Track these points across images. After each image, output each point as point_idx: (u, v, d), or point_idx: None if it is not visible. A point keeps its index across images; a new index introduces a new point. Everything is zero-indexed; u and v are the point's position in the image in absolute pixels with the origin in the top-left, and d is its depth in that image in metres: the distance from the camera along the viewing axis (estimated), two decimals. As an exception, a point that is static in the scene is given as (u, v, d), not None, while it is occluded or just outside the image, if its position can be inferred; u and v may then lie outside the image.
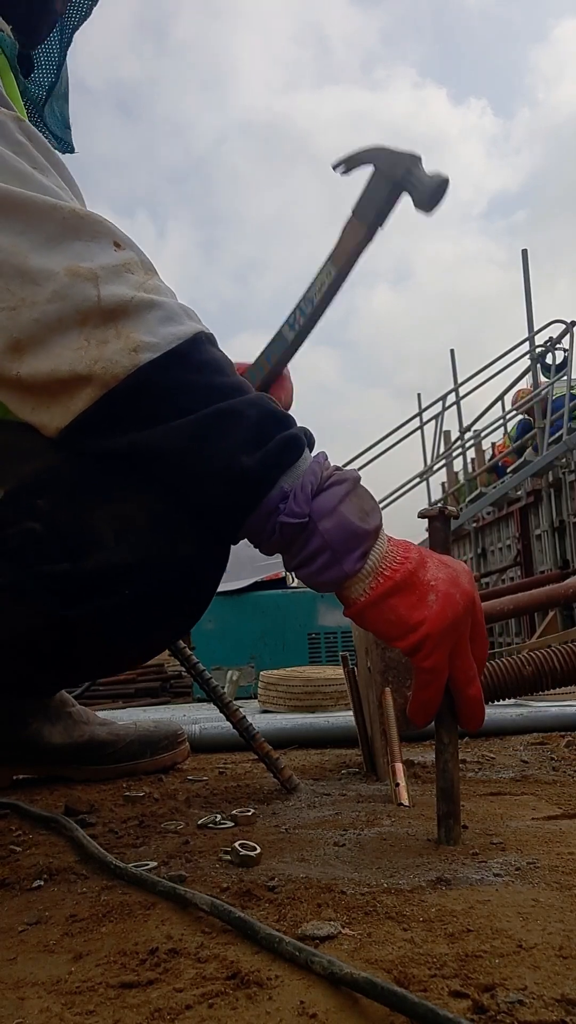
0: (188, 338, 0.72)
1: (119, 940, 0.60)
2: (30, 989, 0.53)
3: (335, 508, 0.73)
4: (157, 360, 0.70)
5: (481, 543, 8.27)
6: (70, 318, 0.69)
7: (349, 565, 0.74)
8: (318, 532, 0.73)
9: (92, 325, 0.70)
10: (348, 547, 0.73)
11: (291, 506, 0.72)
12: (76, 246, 0.71)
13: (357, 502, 0.75)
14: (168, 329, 0.72)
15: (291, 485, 0.73)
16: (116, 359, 0.69)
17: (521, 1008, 0.45)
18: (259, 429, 0.72)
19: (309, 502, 0.73)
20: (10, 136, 0.75)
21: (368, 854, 0.80)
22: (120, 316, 0.70)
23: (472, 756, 1.34)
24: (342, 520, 0.73)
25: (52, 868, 0.81)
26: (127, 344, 0.70)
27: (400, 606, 0.74)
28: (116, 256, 0.73)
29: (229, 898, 0.68)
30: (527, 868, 0.73)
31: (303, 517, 0.72)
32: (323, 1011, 0.47)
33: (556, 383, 7.37)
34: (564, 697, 1.84)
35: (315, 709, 1.81)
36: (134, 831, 0.95)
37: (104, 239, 0.73)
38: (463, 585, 0.76)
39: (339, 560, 0.73)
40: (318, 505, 0.73)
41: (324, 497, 0.73)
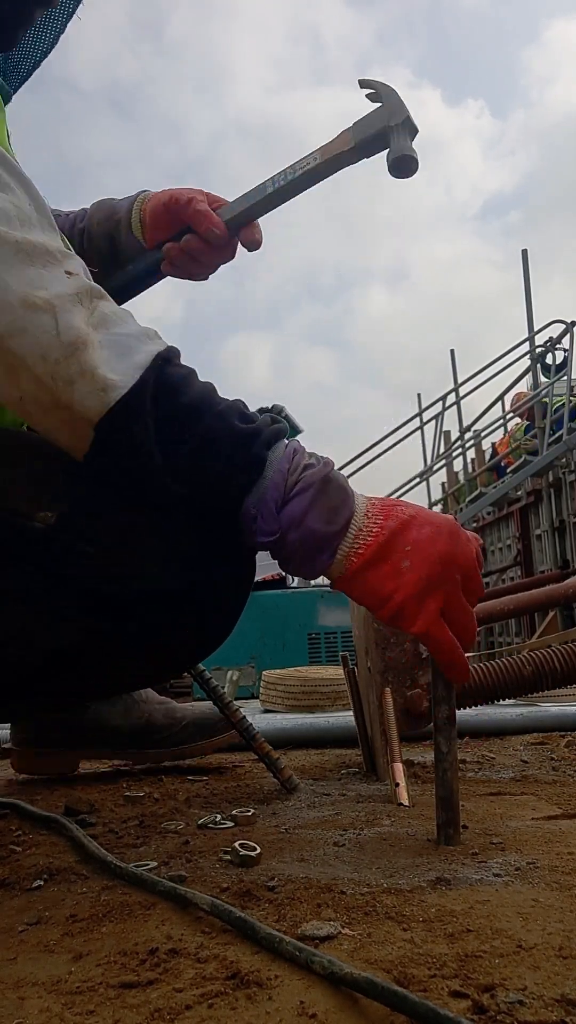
0: (149, 365, 0.73)
1: (119, 940, 0.60)
2: (30, 989, 0.53)
3: (302, 520, 0.75)
4: (124, 399, 0.71)
5: (481, 543, 8.26)
6: (33, 352, 0.69)
7: (318, 565, 0.77)
8: (287, 543, 0.76)
9: (54, 360, 0.69)
10: (316, 551, 0.76)
11: (261, 525, 0.75)
12: (30, 274, 0.70)
13: (324, 504, 0.76)
14: (127, 362, 0.72)
15: (256, 504, 0.75)
16: (88, 404, 0.70)
17: (521, 1008, 0.45)
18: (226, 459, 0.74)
19: (276, 518, 0.75)
20: None
21: (368, 854, 0.80)
22: (80, 348, 0.70)
23: (472, 756, 1.34)
24: (307, 531, 0.75)
25: (52, 868, 0.81)
26: (94, 384, 0.70)
27: (372, 579, 0.76)
28: (68, 284, 0.72)
29: (229, 898, 0.68)
30: (527, 868, 0.73)
31: (274, 534, 0.75)
32: (323, 1011, 0.47)
33: (556, 384, 7.36)
34: (564, 697, 1.84)
35: (313, 709, 1.81)
36: (134, 831, 0.95)
37: (56, 267, 0.72)
38: (440, 544, 0.76)
39: (308, 563, 0.77)
40: (286, 517, 0.75)
41: (290, 508, 0.75)
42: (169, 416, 0.73)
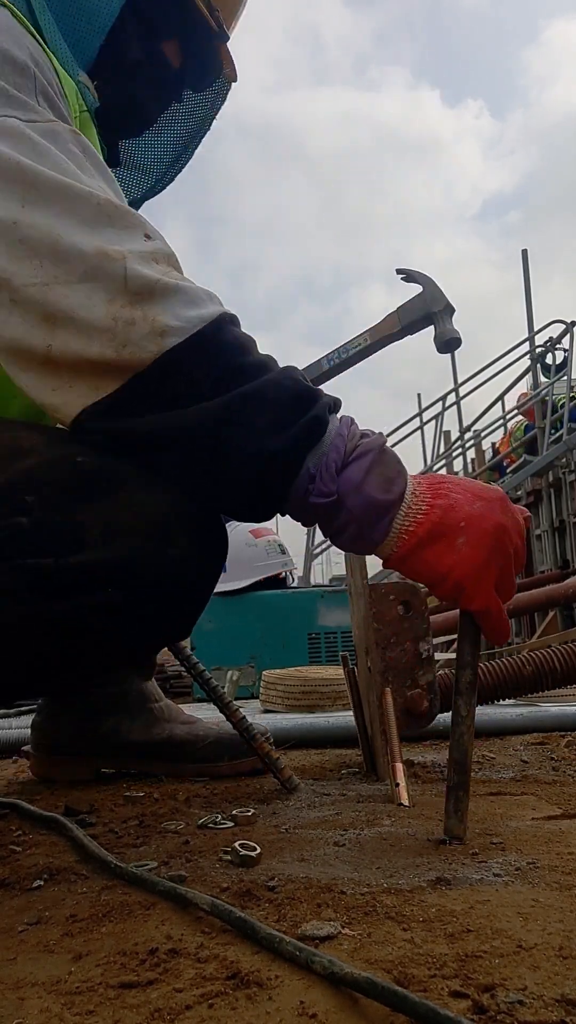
0: (212, 320, 0.74)
1: (119, 940, 0.60)
2: (30, 989, 0.53)
3: (360, 484, 0.76)
4: (182, 344, 0.72)
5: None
6: (100, 295, 0.72)
7: (376, 535, 0.77)
8: (345, 508, 0.76)
9: (119, 305, 0.72)
10: (372, 520, 0.76)
11: (319, 486, 0.75)
12: (108, 232, 0.75)
13: (381, 472, 0.77)
14: (192, 312, 0.74)
15: (316, 465, 0.75)
16: (143, 344, 0.72)
17: (521, 1008, 0.45)
18: (284, 411, 0.74)
19: (335, 480, 0.75)
20: (63, 144, 0.79)
21: (368, 854, 0.80)
22: (146, 298, 0.73)
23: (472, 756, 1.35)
24: (366, 496, 0.76)
25: (52, 868, 0.81)
26: (153, 328, 0.72)
27: (428, 557, 0.77)
28: (145, 245, 0.76)
29: (229, 898, 0.68)
30: (527, 868, 0.73)
31: (331, 496, 0.75)
32: (323, 1011, 0.47)
33: (556, 384, 7.36)
34: (564, 697, 1.84)
35: (313, 709, 1.81)
36: (134, 831, 0.95)
37: (136, 230, 0.77)
38: (494, 517, 0.77)
39: (365, 532, 0.77)
40: (344, 481, 0.76)
41: (349, 472, 0.76)
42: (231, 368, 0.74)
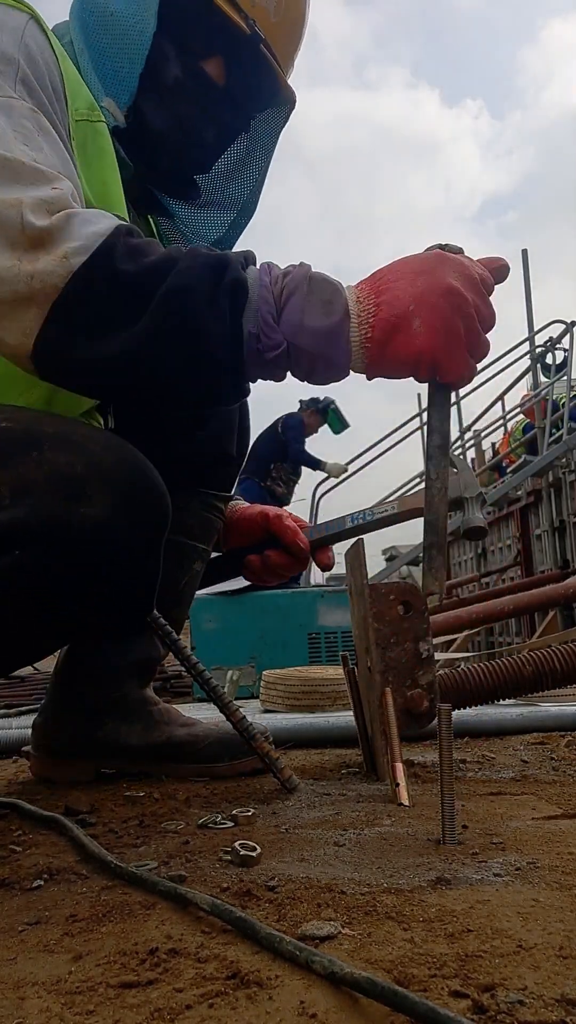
0: (110, 232, 0.78)
1: (119, 940, 0.60)
2: (30, 989, 0.53)
3: (301, 321, 0.78)
4: (88, 261, 0.75)
5: (481, 543, 8.26)
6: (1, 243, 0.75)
7: (340, 358, 0.79)
8: (299, 349, 0.78)
9: (22, 248, 0.76)
10: (330, 346, 0.79)
11: (265, 341, 0.78)
12: (14, 187, 0.78)
13: (316, 300, 0.79)
14: (90, 229, 0.77)
15: (255, 323, 0.78)
16: (50, 270, 0.75)
17: (521, 1008, 0.45)
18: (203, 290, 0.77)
19: (276, 329, 0.78)
20: (16, 119, 0.83)
21: (368, 854, 0.80)
22: (46, 237, 0.76)
23: (472, 756, 1.34)
24: (312, 329, 0.78)
25: (52, 868, 0.81)
26: (57, 255, 0.75)
27: (395, 352, 0.79)
28: (49, 194, 0.79)
29: (229, 898, 0.68)
30: (527, 868, 0.73)
31: (280, 344, 0.78)
32: (323, 1011, 0.47)
33: (556, 383, 7.36)
34: (564, 697, 1.84)
35: (313, 709, 1.81)
36: (134, 831, 0.95)
37: (42, 182, 0.80)
38: (440, 285, 0.79)
39: (330, 361, 0.79)
40: (285, 324, 0.78)
41: (287, 315, 0.78)
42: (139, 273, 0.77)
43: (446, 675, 1.36)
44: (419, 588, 1.18)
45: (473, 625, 4.26)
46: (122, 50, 1.01)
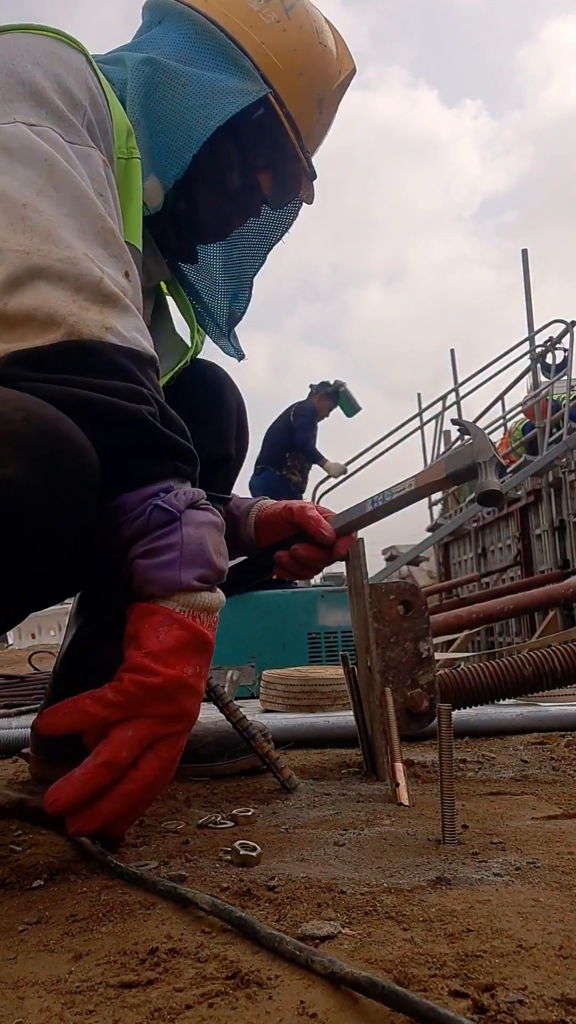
0: (148, 353, 0.85)
1: (119, 940, 0.60)
2: (30, 989, 0.53)
3: (202, 525, 0.81)
4: (119, 346, 0.81)
5: (481, 543, 8.26)
6: (69, 281, 0.81)
7: (186, 577, 0.80)
8: (180, 532, 0.80)
9: (84, 297, 0.81)
10: (194, 562, 0.80)
11: (171, 499, 0.80)
12: (99, 251, 0.85)
13: (218, 538, 0.84)
14: (139, 337, 0.84)
15: (177, 486, 0.82)
16: (89, 323, 0.80)
17: (521, 1008, 0.45)
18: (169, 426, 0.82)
19: (187, 506, 0.81)
20: (94, 168, 0.91)
21: (368, 854, 0.80)
22: (109, 303, 0.82)
23: (472, 756, 1.34)
24: (203, 538, 0.81)
25: (52, 868, 0.81)
26: (103, 321, 0.81)
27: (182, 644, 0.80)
28: (123, 281, 0.86)
29: (229, 898, 0.68)
30: (527, 868, 0.73)
31: (176, 512, 0.80)
32: (323, 1011, 0.47)
33: (556, 384, 7.36)
34: (564, 697, 1.84)
35: (313, 709, 1.81)
36: (134, 830, 0.95)
37: (120, 263, 0.88)
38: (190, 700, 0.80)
39: (181, 567, 0.80)
40: (191, 514, 0.81)
41: (198, 512, 0.82)
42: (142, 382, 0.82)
43: (446, 675, 1.36)
44: (419, 588, 1.18)
45: (473, 625, 4.26)
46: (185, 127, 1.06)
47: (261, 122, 1.12)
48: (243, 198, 1.20)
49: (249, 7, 1.12)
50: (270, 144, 1.16)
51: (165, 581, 0.80)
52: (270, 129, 1.14)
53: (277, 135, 1.15)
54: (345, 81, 1.24)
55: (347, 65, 1.24)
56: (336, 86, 1.23)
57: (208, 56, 1.09)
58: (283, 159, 1.19)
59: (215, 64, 1.09)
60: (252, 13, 1.12)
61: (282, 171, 1.21)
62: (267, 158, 1.18)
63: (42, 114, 0.89)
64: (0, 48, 0.94)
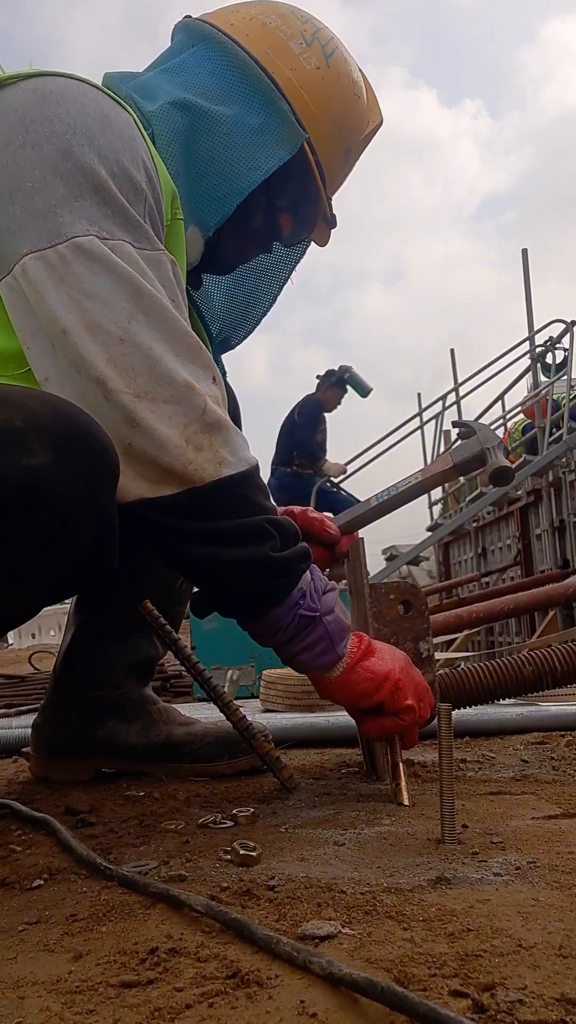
0: (253, 464, 0.96)
1: (119, 939, 0.60)
2: (30, 988, 0.53)
3: (333, 608, 0.99)
4: (234, 476, 0.92)
5: (481, 543, 8.26)
6: (179, 419, 0.90)
7: (340, 649, 0.99)
8: (322, 624, 0.98)
9: (193, 430, 0.90)
10: (340, 637, 0.99)
11: (308, 602, 0.97)
12: (192, 367, 0.92)
13: (341, 604, 1.01)
14: (243, 455, 0.94)
15: (307, 585, 0.97)
16: (205, 467, 0.91)
17: (521, 1007, 0.45)
18: (286, 540, 0.96)
19: (319, 600, 0.98)
20: (164, 273, 0.95)
21: (368, 854, 0.80)
22: (215, 430, 0.92)
23: (472, 756, 1.34)
24: (337, 618, 0.99)
25: (52, 868, 0.81)
26: (215, 457, 0.91)
27: (371, 666, 0.99)
28: (214, 388, 0.95)
29: (229, 897, 0.68)
30: (527, 867, 0.73)
31: (315, 612, 0.97)
32: (323, 1010, 0.47)
33: (556, 384, 7.36)
34: (564, 697, 1.84)
35: (313, 709, 1.81)
36: (134, 830, 0.95)
37: (209, 372, 0.95)
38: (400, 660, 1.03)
39: (333, 647, 0.99)
40: (324, 603, 0.98)
41: (327, 598, 0.99)
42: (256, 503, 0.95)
43: (446, 675, 1.36)
44: (419, 588, 1.18)
45: (473, 625, 4.25)
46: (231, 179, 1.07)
47: (291, 166, 1.11)
48: (263, 237, 1.21)
49: (291, 49, 1.10)
50: (296, 187, 1.16)
51: (329, 663, 0.99)
52: (299, 173, 1.13)
53: (305, 179, 1.14)
54: (371, 133, 1.24)
55: (376, 118, 1.23)
56: (363, 137, 1.22)
57: (245, 94, 1.07)
58: (306, 202, 1.19)
59: (251, 103, 1.07)
60: (294, 56, 1.10)
61: (302, 213, 1.21)
62: (291, 200, 1.18)
63: (109, 214, 0.90)
64: (49, 107, 0.91)
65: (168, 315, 0.90)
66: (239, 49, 1.08)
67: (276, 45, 1.10)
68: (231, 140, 1.06)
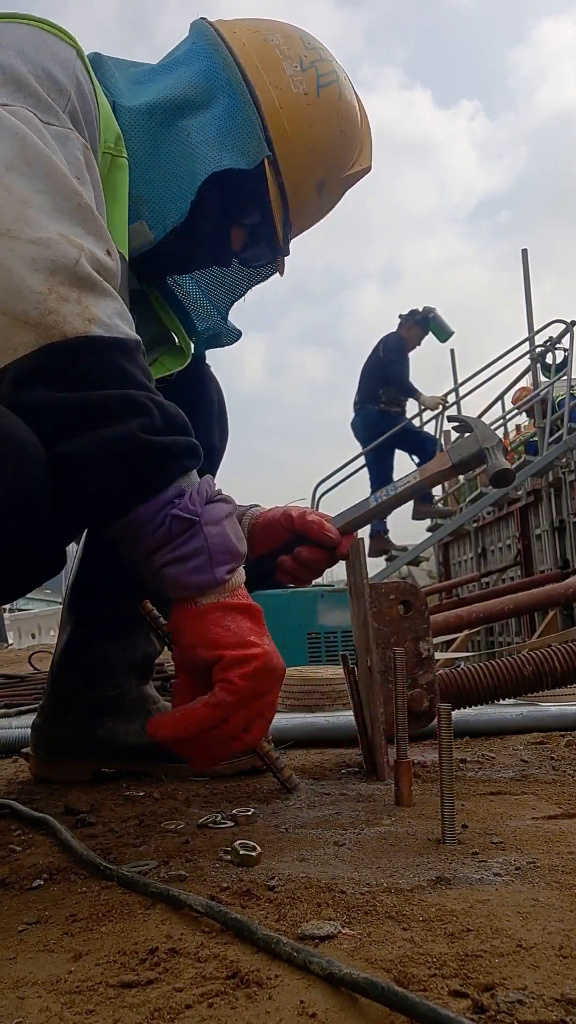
0: (134, 339, 0.82)
1: (119, 940, 0.60)
2: (30, 988, 0.53)
3: (221, 520, 0.82)
4: (104, 338, 0.78)
5: (481, 543, 8.26)
6: (43, 264, 0.76)
7: (220, 574, 0.82)
8: (203, 534, 0.81)
9: (59, 281, 0.77)
10: (223, 558, 0.82)
11: (186, 503, 0.80)
12: (77, 228, 0.80)
13: (235, 525, 0.85)
14: (122, 327, 0.80)
15: (187, 486, 0.82)
16: (69, 319, 0.76)
17: (521, 1008, 0.45)
18: (168, 424, 0.80)
19: (203, 505, 0.81)
20: (71, 150, 0.86)
21: (368, 854, 0.80)
22: (87, 287, 0.78)
23: (472, 756, 1.34)
24: (225, 533, 0.82)
25: (52, 868, 0.81)
26: (84, 313, 0.77)
27: (244, 623, 0.83)
28: (105, 258, 0.82)
29: (229, 897, 0.68)
30: (527, 868, 0.73)
31: (195, 516, 0.80)
32: (323, 1010, 0.47)
33: (556, 384, 7.36)
34: (564, 697, 1.84)
35: (313, 709, 1.81)
36: (134, 830, 0.95)
37: (101, 242, 0.82)
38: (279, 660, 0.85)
39: (212, 566, 0.82)
40: (208, 511, 0.82)
41: (214, 507, 0.83)
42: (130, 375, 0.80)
43: (446, 675, 1.36)
44: (419, 588, 1.18)
45: (473, 625, 4.26)
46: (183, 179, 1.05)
47: (248, 180, 1.09)
48: (210, 244, 1.17)
49: (283, 68, 1.10)
50: (252, 204, 1.14)
51: (201, 584, 0.82)
52: (256, 190, 1.11)
53: (262, 199, 1.12)
54: (356, 175, 1.22)
55: (364, 162, 1.21)
56: (344, 176, 1.20)
57: (220, 100, 1.07)
58: (261, 223, 1.16)
59: (223, 110, 1.07)
60: (284, 76, 1.10)
61: (258, 234, 1.18)
62: (245, 215, 1.16)
63: (19, 97, 0.84)
64: None
65: (55, 172, 0.80)
66: (229, 57, 1.08)
67: (269, 62, 1.10)
68: (191, 140, 1.05)
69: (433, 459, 1.23)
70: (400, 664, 1.04)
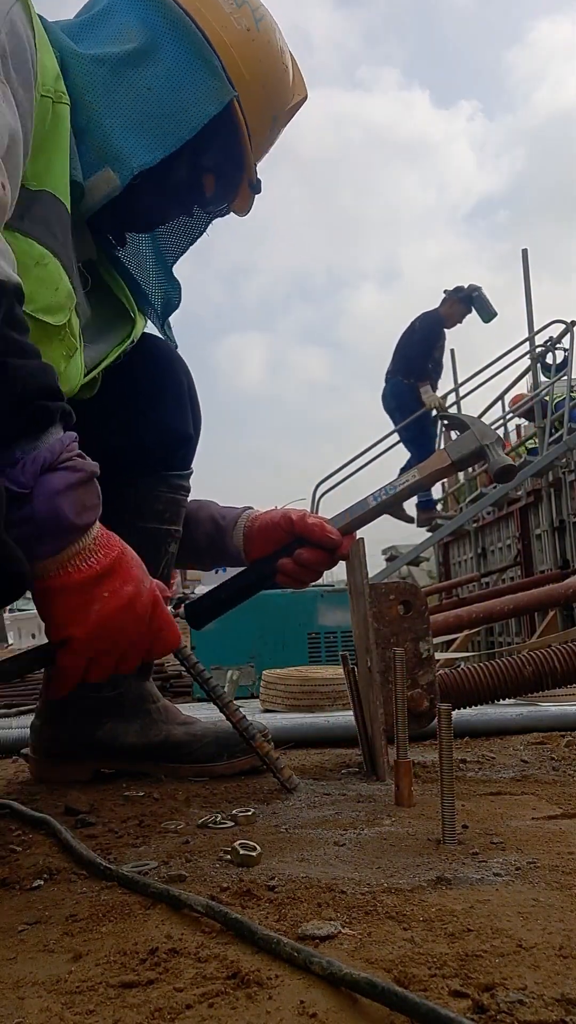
0: (15, 284, 0.76)
1: (119, 940, 0.60)
2: (30, 989, 0.53)
3: (57, 493, 0.76)
4: None
5: (481, 543, 8.25)
6: None
7: (45, 549, 0.77)
8: (31, 506, 0.75)
9: None
10: (51, 533, 0.77)
11: (16, 474, 0.75)
12: None
13: (80, 494, 0.78)
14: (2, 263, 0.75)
15: (24, 452, 0.76)
16: None
17: (521, 1008, 0.45)
18: (21, 395, 0.75)
19: (36, 476, 0.75)
20: None
21: (368, 854, 0.80)
22: None
23: (472, 756, 1.34)
24: (57, 507, 0.76)
25: (52, 868, 0.80)
26: None
27: (61, 605, 0.79)
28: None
29: (229, 898, 0.68)
30: (527, 868, 0.73)
31: (24, 488, 0.75)
32: (323, 1011, 0.47)
33: (556, 384, 7.36)
34: (564, 697, 1.84)
35: (313, 709, 1.81)
36: (134, 831, 0.95)
37: None
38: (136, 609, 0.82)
39: (38, 541, 0.77)
40: (43, 483, 0.76)
41: (52, 477, 0.76)
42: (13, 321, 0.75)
43: (446, 675, 1.36)
44: (419, 588, 1.18)
45: (473, 625, 4.26)
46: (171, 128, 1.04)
47: (218, 125, 1.09)
48: (183, 195, 1.18)
49: (221, 8, 1.09)
50: (222, 148, 1.14)
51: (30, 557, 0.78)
52: (226, 133, 1.11)
53: (231, 140, 1.12)
54: (296, 106, 1.22)
55: (301, 91, 1.22)
56: (289, 108, 1.20)
57: (176, 47, 1.05)
58: (230, 165, 1.16)
59: (180, 55, 1.05)
60: (224, 15, 1.09)
61: (226, 177, 1.18)
62: (216, 161, 1.15)
63: None
64: None
65: None
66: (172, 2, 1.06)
67: (208, 2, 1.08)
68: (159, 91, 1.04)
69: (432, 456, 1.23)
70: (400, 664, 1.03)
